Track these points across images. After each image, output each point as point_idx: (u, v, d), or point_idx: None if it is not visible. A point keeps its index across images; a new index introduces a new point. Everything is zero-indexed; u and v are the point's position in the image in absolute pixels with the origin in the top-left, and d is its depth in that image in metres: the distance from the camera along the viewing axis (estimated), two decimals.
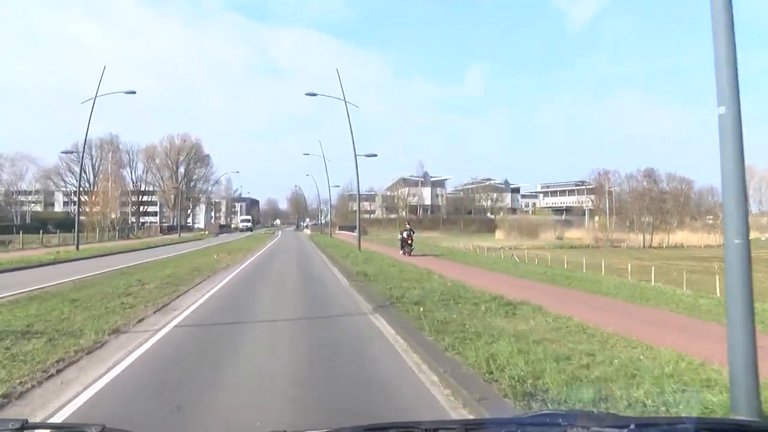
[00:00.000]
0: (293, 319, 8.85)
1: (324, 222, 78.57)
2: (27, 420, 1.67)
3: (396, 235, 34.15)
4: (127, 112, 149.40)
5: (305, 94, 28.12)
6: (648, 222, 68.47)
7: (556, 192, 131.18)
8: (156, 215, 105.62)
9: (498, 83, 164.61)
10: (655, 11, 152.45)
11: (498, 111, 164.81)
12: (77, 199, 35.60)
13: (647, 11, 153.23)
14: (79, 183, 30.41)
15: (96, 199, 75.83)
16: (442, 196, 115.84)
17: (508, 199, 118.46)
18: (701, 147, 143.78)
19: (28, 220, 73.82)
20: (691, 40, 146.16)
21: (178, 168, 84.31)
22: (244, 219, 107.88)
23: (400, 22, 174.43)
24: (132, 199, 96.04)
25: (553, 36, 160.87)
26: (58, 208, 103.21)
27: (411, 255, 24.96)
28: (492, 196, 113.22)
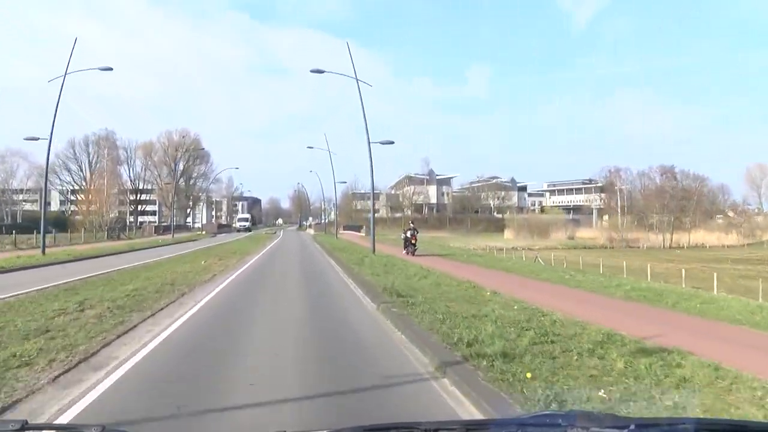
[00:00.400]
0: (300, 399, 4.81)
1: (327, 221, 74.31)
2: (27, 420, 1.62)
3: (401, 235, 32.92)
4: (129, 111, 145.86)
5: (310, 71, 24.11)
6: (668, 221, 64.31)
7: (562, 190, 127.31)
8: (155, 214, 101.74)
9: (500, 83, 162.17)
10: (656, 11, 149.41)
11: (500, 111, 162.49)
12: (43, 197, 31.56)
13: (648, 11, 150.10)
14: (45, 178, 26.43)
15: (89, 198, 72.15)
16: (447, 194, 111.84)
17: (514, 198, 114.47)
18: (702, 147, 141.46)
19: (19, 219, 69.86)
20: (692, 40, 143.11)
21: (176, 165, 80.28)
22: (241, 218, 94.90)
23: (401, 22, 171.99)
24: (130, 198, 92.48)
25: (554, 36, 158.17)
26: (54, 207, 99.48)
27: (414, 255, 24.01)
28: (499, 194, 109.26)
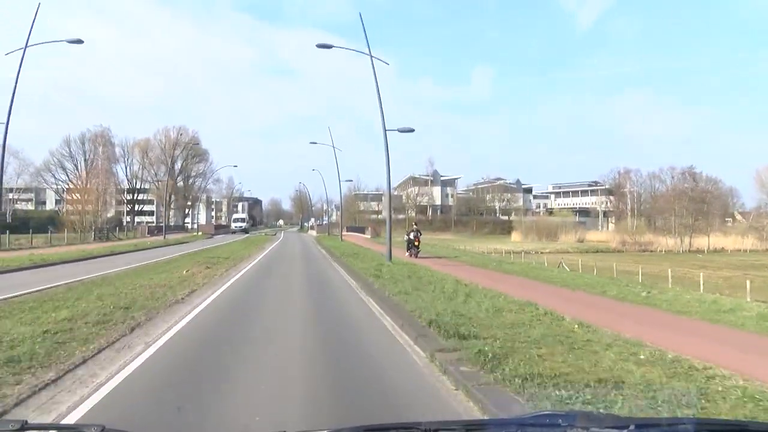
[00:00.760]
0: None
1: (329, 222, 70.41)
2: (27, 420, 1.58)
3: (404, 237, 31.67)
4: (130, 111, 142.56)
5: (317, 45, 20.37)
6: (686, 224, 60.52)
7: (568, 193, 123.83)
8: (153, 214, 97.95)
9: (503, 83, 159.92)
10: (660, 12, 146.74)
11: (504, 111, 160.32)
12: None
13: (653, 12, 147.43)
14: (1, 172, 22.81)
15: (82, 197, 68.43)
16: (452, 195, 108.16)
17: (520, 200, 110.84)
18: (707, 149, 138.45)
19: (8, 219, 65.96)
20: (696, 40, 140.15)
21: (173, 163, 76.49)
22: (238, 218, 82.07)
23: (404, 22, 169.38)
24: (127, 198, 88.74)
25: (558, 36, 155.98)
26: (50, 206, 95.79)
27: (417, 257, 23.28)
28: (505, 196, 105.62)
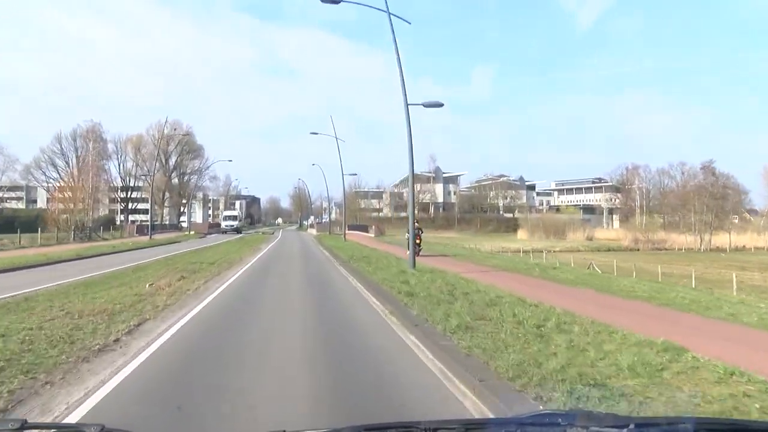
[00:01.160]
0: None
1: (330, 220, 66.18)
2: (26, 420, 1.55)
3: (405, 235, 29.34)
4: (130, 111, 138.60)
5: (321, 0, 16.18)
6: (706, 221, 56.62)
7: (571, 190, 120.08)
8: (147, 213, 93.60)
9: (503, 83, 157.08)
10: (661, 11, 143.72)
11: (504, 110, 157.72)
12: None
13: (654, 11, 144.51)
14: None
15: (65, 195, 64.35)
16: (454, 193, 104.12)
17: (524, 197, 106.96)
18: (709, 147, 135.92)
19: None
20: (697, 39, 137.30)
21: (167, 159, 72.22)
22: (228, 215, 67.95)
23: (404, 22, 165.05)
24: (120, 196, 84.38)
25: (558, 36, 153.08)
26: (41, 204, 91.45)
27: (419, 255, 21.15)
28: (509, 193, 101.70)
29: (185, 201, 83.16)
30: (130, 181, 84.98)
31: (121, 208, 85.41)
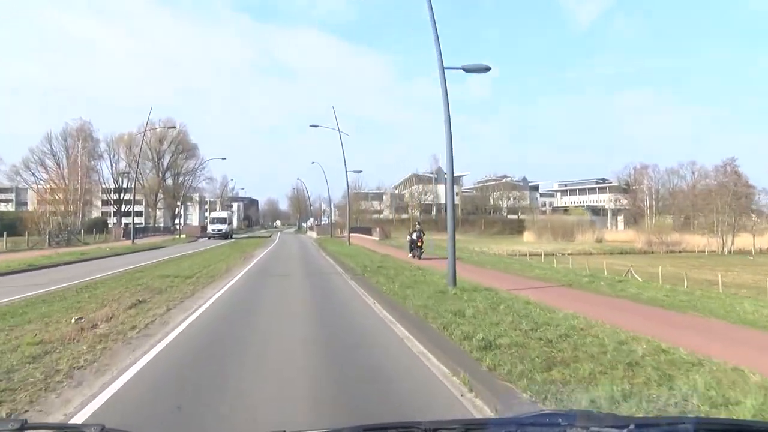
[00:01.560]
0: None
1: (331, 222, 61.91)
2: (26, 420, 1.53)
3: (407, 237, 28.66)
4: (130, 111, 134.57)
5: None
6: (728, 222, 52.84)
7: (575, 190, 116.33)
8: (141, 215, 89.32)
9: (504, 83, 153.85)
10: (661, 11, 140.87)
11: (505, 111, 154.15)
12: None
13: (649, 11, 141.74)
14: None
15: (47, 197, 60.43)
16: (457, 194, 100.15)
17: (527, 198, 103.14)
18: (702, 146, 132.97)
19: None
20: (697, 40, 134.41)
21: (160, 159, 68.03)
22: (216, 218, 55.58)
23: (403, 23, 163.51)
24: (113, 198, 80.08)
25: (557, 36, 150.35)
26: (32, 207, 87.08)
27: (421, 258, 21.16)
28: (513, 194, 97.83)
29: (180, 203, 79.00)
30: (123, 182, 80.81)
31: (115, 210, 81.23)
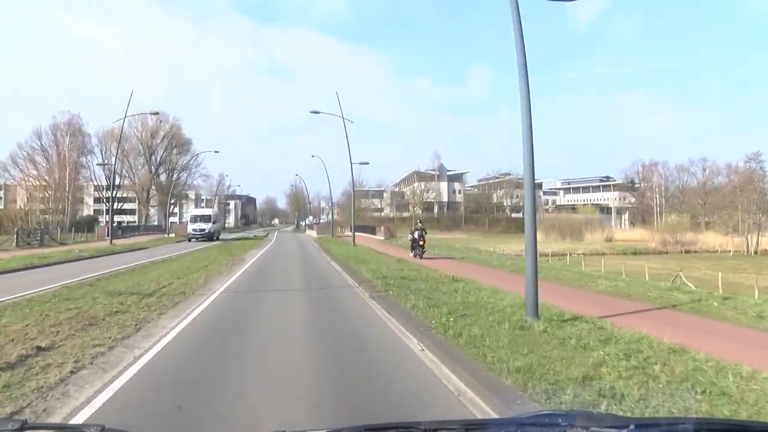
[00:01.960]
0: None
1: (333, 220, 57.94)
2: (26, 420, 1.51)
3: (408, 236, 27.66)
4: (130, 112, 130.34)
5: None
6: (754, 221, 49.25)
7: (578, 189, 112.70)
8: (134, 213, 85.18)
9: (503, 83, 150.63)
10: (660, 11, 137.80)
11: (504, 111, 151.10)
12: None
13: (648, 11, 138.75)
14: None
15: (44, 194, 56.48)
16: (459, 191, 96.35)
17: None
18: (702, 146, 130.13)
19: None
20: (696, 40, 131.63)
21: (152, 154, 63.96)
22: (198, 215, 45.71)
23: (403, 23, 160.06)
24: (105, 195, 75.96)
25: (555, 36, 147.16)
26: (21, 205, 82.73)
27: (423, 258, 19.95)
28: (517, 192, 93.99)
29: (174, 201, 74.90)
30: (115, 179, 76.61)
31: (107, 207, 77.15)
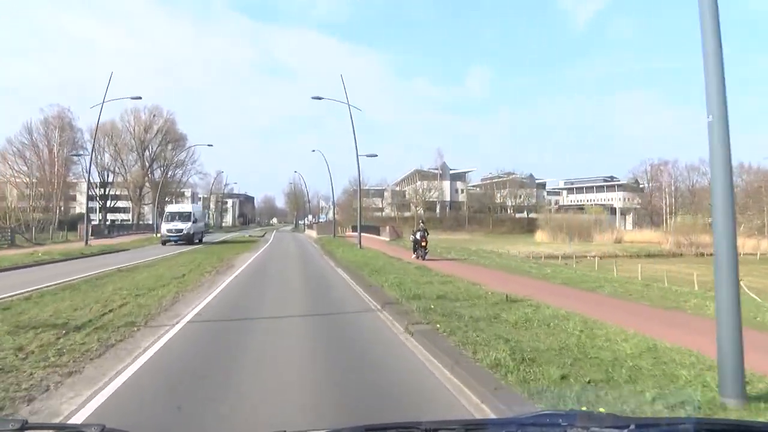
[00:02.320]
0: None
1: (332, 219, 54.52)
2: (26, 420, 1.46)
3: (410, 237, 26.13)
4: (131, 109, 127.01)
5: None
6: None
7: (581, 189, 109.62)
8: (127, 211, 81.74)
9: (502, 83, 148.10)
10: (656, 11, 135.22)
11: (503, 111, 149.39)
12: None
13: (647, 11, 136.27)
14: None
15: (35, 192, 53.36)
16: (462, 191, 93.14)
17: (535, 196, 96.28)
18: (701, 146, 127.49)
19: None
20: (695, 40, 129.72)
21: (145, 149, 60.54)
22: (174, 212, 35.99)
23: (402, 23, 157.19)
24: (99, 192, 72.54)
25: (555, 36, 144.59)
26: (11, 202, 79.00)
27: (425, 259, 19.21)
28: (522, 192, 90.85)
29: (167, 198, 71.38)
30: (108, 177, 73.22)
31: (100, 205, 73.75)
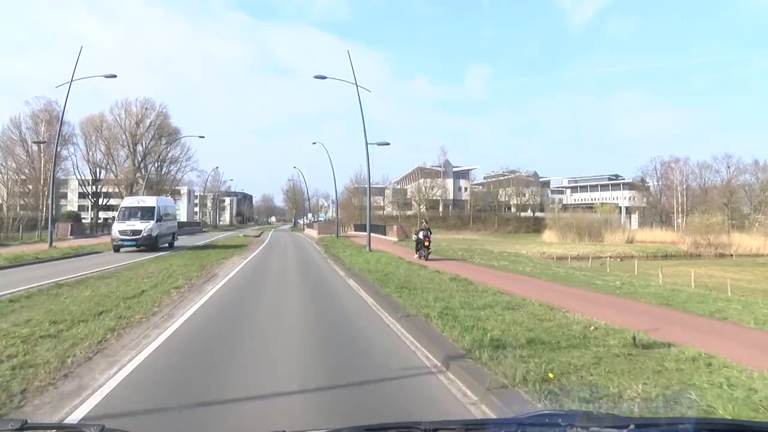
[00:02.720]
0: None
1: (335, 218, 50.95)
2: (26, 420, 1.47)
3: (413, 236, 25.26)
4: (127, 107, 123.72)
5: None
6: None
7: (585, 187, 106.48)
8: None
9: (500, 83, 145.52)
10: (654, 11, 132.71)
11: (502, 109, 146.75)
12: None
13: (646, 11, 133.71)
14: None
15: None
16: (465, 189, 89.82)
17: (540, 194, 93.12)
18: (702, 145, 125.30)
19: None
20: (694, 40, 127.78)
21: (136, 144, 57.01)
22: (130, 208, 22.97)
23: (400, 22, 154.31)
24: (90, 190, 68.90)
25: (554, 35, 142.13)
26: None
27: (428, 259, 18.53)
28: (527, 190, 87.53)
29: (166, 196, 67.78)
30: (99, 173, 69.54)
31: (92, 203, 70.09)
